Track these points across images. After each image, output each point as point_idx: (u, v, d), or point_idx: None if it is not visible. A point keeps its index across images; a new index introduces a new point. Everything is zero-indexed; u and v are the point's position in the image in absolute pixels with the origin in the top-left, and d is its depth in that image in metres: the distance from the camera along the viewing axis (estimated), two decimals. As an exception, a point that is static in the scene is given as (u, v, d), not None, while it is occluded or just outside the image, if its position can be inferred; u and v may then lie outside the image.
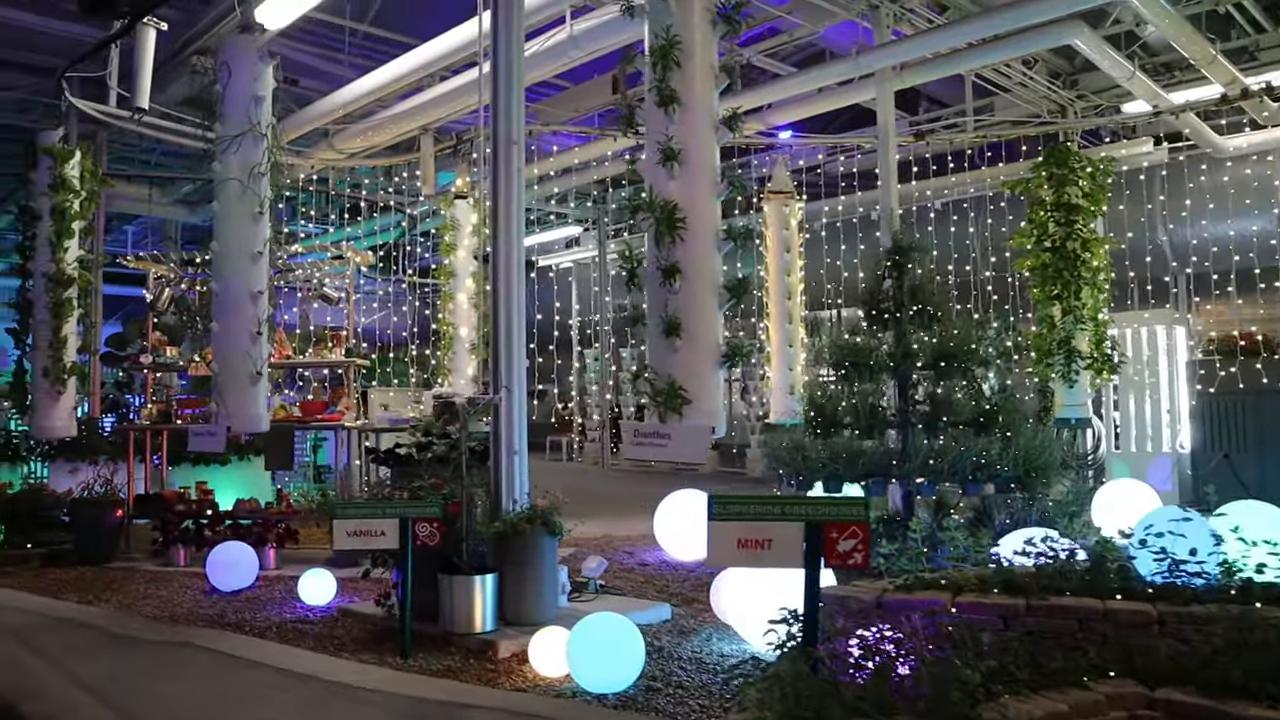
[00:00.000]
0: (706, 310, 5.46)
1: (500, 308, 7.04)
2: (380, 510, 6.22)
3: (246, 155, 7.35)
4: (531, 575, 6.59)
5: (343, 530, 6.17)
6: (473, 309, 11.07)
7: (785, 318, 11.89)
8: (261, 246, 7.34)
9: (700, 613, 7.26)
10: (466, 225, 11.20)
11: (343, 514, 6.19)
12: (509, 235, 7.12)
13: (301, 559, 9.36)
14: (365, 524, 6.18)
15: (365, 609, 7.13)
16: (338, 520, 6.16)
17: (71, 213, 9.47)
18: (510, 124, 7.21)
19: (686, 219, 5.35)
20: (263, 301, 7.31)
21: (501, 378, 7.01)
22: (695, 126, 5.56)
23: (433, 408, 9.44)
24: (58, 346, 9.33)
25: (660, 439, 5.21)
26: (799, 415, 12.27)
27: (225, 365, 7.21)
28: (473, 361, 11.01)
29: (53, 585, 8.56)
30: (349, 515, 6.19)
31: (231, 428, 7.14)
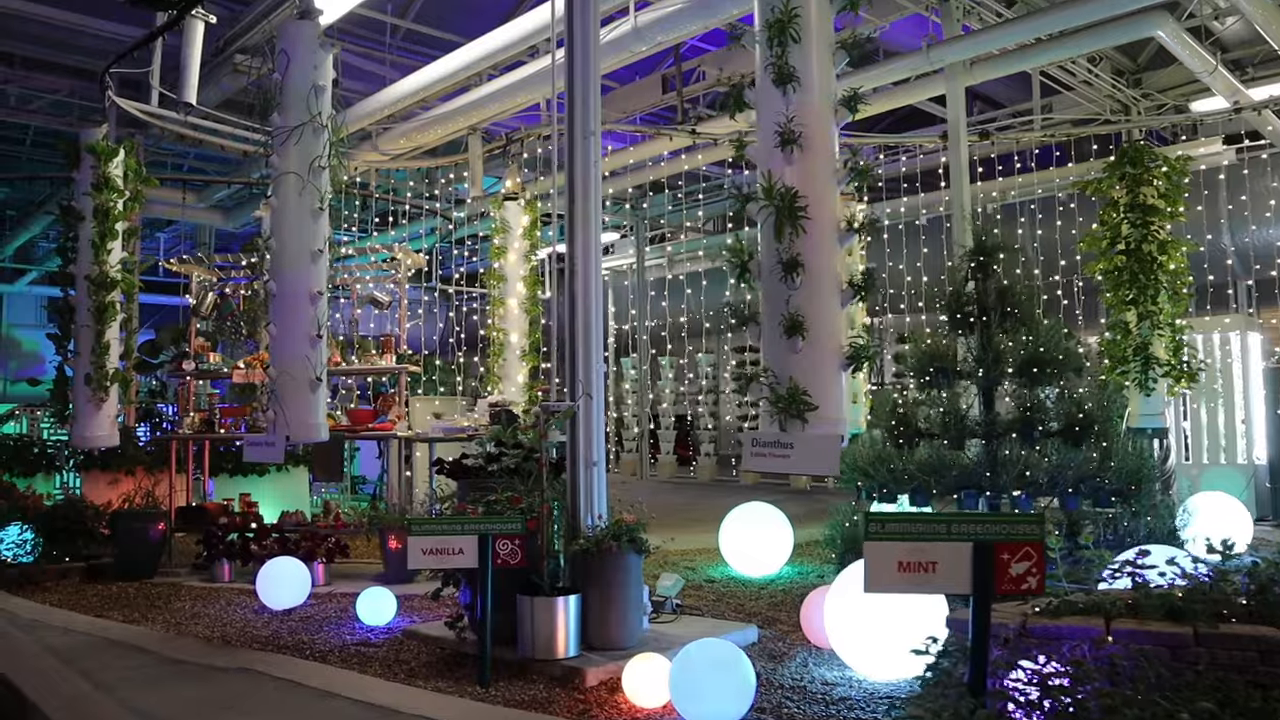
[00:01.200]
0: (829, 308, 4.94)
1: (578, 308, 6.55)
2: (459, 526, 5.68)
3: (306, 148, 6.85)
4: (617, 596, 6.07)
5: (418, 548, 5.66)
6: (524, 314, 10.55)
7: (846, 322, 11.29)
8: (322, 244, 6.88)
9: (787, 634, 6.73)
10: (517, 227, 10.69)
11: (419, 531, 5.67)
12: (587, 232, 6.62)
13: (350, 574, 8.92)
14: (442, 541, 5.65)
15: (431, 630, 6.61)
16: (413, 537, 5.65)
17: (115, 213, 9.02)
18: (588, 115, 6.71)
19: (807, 208, 4.80)
20: (322, 303, 6.84)
21: (580, 383, 6.48)
22: (814, 107, 5.03)
23: (489, 416, 8.96)
24: (100, 353, 8.87)
25: (782, 449, 4.68)
26: (861, 425, 11.76)
27: (283, 371, 6.69)
28: (523, 369, 10.48)
29: (95, 602, 8.08)
30: (425, 532, 5.67)
31: (290, 437, 6.59)
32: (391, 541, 8.55)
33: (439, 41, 11.98)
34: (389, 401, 9.14)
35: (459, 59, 10.89)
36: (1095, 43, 10.25)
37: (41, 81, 12.66)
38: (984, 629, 3.71)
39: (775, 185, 4.92)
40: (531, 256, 10.76)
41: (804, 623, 6.43)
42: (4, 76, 12.36)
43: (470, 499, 6.43)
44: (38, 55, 12.32)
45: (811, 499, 13.58)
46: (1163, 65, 12.34)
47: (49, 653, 6.09)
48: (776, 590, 8.32)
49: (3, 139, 15.96)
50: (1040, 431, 7.63)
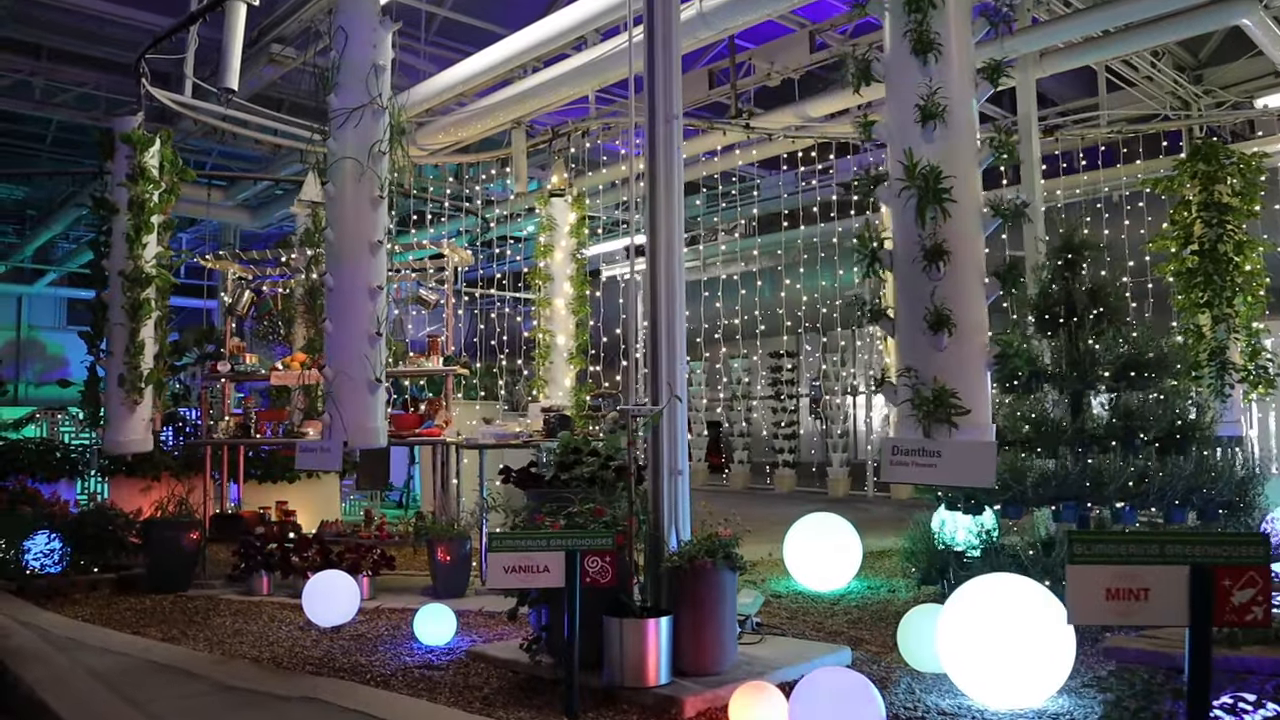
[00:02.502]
0: (974, 300, 4.37)
1: (661, 303, 6.01)
2: (544, 542, 5.11)
3: (365, 132, 6.31)
4: (711, 617, 5.50)
5: (499, 566, 5.09)
6: (570, 315, 9.98)
7: (906, 325, 10.74)
8: (381, 235, 6.33)
9: (880, 655, 6.19)
10: (564, 225, 10.13)
11: (500, 547, 5.10)
12: (670, 223, 6.10)
13: (394, 587, 8.41)
14: (526, 558, 5.09)
15: (500, 652, 6.04)
16: (494, 554, 5.09)
17: (151, 205, 8.50)
18: (670, 98, 6.18)
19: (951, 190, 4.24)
20: (382, 299, 6.28)
21: (664, 384, 5.92)
22: (955, 78, 4.47)
23: (543, 422, 8.41)
24: (134, 352, 8.35)
25: (927, 458, 4.13)
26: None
27: (340, 371, 6.13)
28: (570, 372, 9.92)
29: (129, 617, 7.53)
30: (508, 548, 5.10)
31: (348, 443, 6.03)
32: (440, 553, 8.01)
33: (478, 33, 11.45)
34: (435, 406, 8.58)
35: (501, 51, 10.36)
36: (1170, 34, 9.72)
37: (68, 74, 12.15)
38: (1205, 670, 3.13)
39: (916, 164, 4.36)
40: (579, 255, 10.21)
41: (902, 644, 5.88)
42: (30, 69, 11.86)
43: (545, 510, 5.85)
44: (64, 47, 11.82)
45: (852, 508, 13.00)
46: (1224, 60, 11.79)
47: (92, 677, 5.53)
48: (850, 606, 7.78)
49: (23, 136, 15.46)
50: (1142, 439, 7.07)
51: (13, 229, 21.48)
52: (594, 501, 5.80)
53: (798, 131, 11.21)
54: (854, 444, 16.75)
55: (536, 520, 5.68)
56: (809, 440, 17.65)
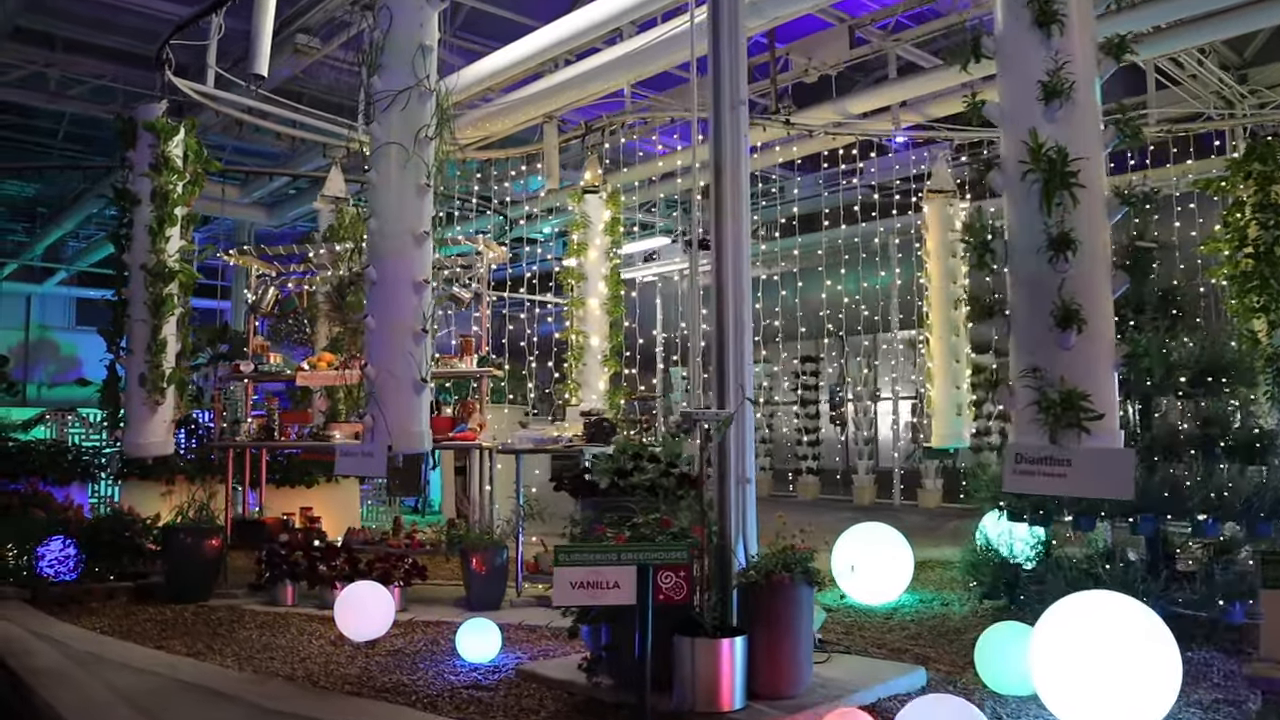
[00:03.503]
0: (1101, 294, 3.95)
1: (728, 300, 5.62)
2: (614, 556, 4.68)
3: (411, 116, 5.90)
4: (787, 637, 5.10)
5: (566, 581, 4.67)
6: (605, 315, 9.55)
7: (950, 329, 10.36)
8: (427, 226, 5.91)
9: (953, 675, 5.77)
10: (599, 222, 9.70)
11: (567, 560, 4.67)
12: (737, 214, 5.72)
13: (426, 598, 7.96)
14: (595, 573, 4.66)
15: (553, 672, 5.61)
16: (560, 568, 4.66)
17: (174, 197, 8.08)
18: (736, 82, 5.81)
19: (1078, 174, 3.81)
20: (427, 293, 5.85)
21: (732, 386, 5.50)
22: (1078, 54, 4.04)
23: (583, 426, 7.99)
24: (156, 351, 7.92)
25: (1056, 467, 3.70)
26: (965, 439, 10.79)
27: (383, 370, 5.70)
28: (604, 374, 9.48)
29: (150, 629, 7.09)
30: (576, 562, 4.67)
31: (392, 447, 5.59)
32: (475, 563, 7.59)
33: (505, 25, 11.04)
34: (467, 409, 8.14)
35: (533, 43, 9.94)
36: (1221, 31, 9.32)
37: (84, 66, 11.71)
38: None
39: (1042, 145, 3.92)
40: (613, 253, 9.78)
41: (981, 664, 5.46)
42: (44, 60, 11.42)
43: (606, 521, 5.42)
44: (79, 37, 11.39)
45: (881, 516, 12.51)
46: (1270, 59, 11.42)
47: (120, 700, 5.08)
48: (905, 621, 7.35)
49: (34, 130, 15.02)
50: (1222, 448, 6.64)
51: (22, 227, 21.01)
52: (657, 511, 5.36)
53: (838, 128, 10.80)
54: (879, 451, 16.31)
55: (598, 531, 5.24)
56: (832, 446, 17.24)
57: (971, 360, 10.69)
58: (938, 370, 10.40)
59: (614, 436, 7.78)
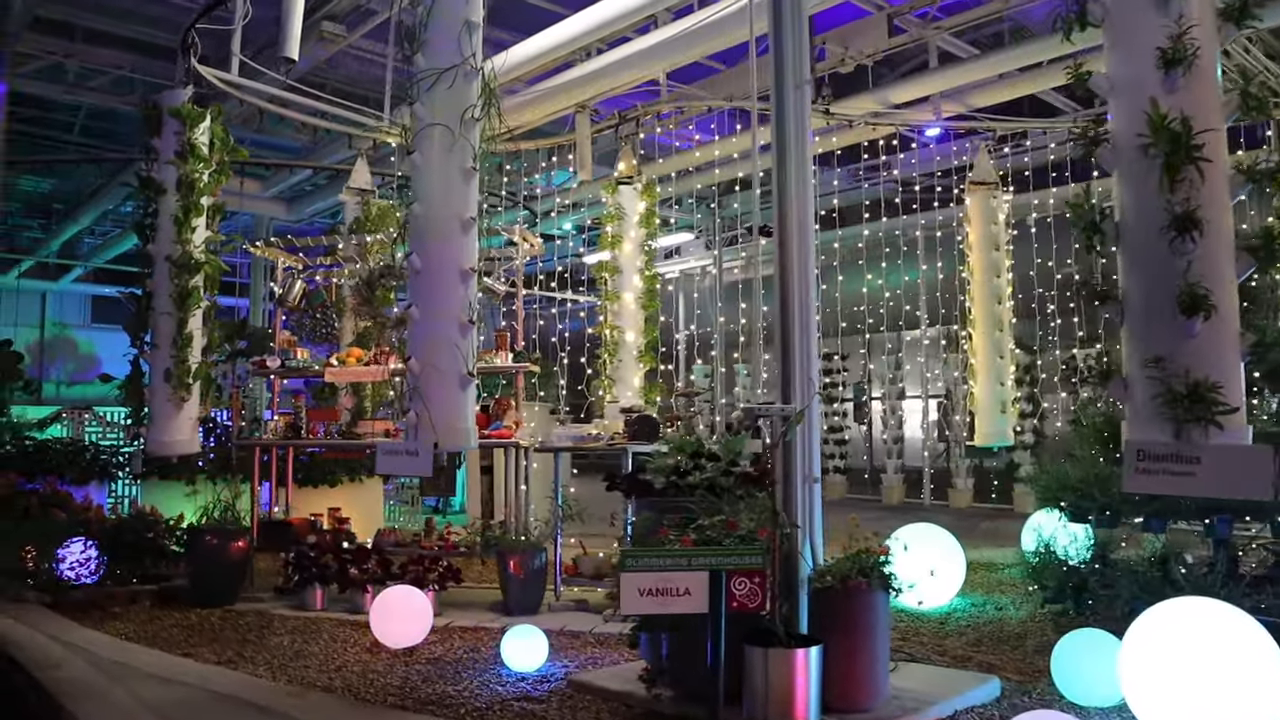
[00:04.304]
0: (1226, 278, 3.58)
1: (793, 288, 5.30)
2: (685, 561, 4.33)
3: (457, 95, 5.57)
4: (864, 646, 4.76)
5: (633, 588, 4.31)
6: (640, 310, 9.20)
7: (994, 325, 9.99)
8: (474, 211, 5.58)
9: (1026, 684, 5.40)
10: (633, 214, 9.35)
11: (635, 565, 4.32)
12: (802, 198, 5.40)
13: (460, 602, 7.63)
14: (664, 579, 4.31)
15: (608, 682, 5.28)
16: (627, 574, 4.31)
17: (201, 186, 7.76)
18: (800, 61, 5.51)
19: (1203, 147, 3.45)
20: (473, 284, 5.50)
21: (798, 379, 5.17)
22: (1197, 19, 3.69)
23: (624, 423, 7.65)
24: (182, 345, 7.61)
25: (1184, 465, 3.33)
26: (1009, 437, 10.42)
27: (428, 363, 5.36)
28: (639, 371, 9.13)
29: (177, 635, 6.76)
30: (644, 567, 4.31)
31: (438, 445, 5.25)
32: (513, 566, 7.25)
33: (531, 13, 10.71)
34: (503, 405, 7.80)
35: (565, 30, 9.61)
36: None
37: (102, 57, 11.38)
38: None
39: (1163, 116, 3.56)
40: (648, 246, 9.43)
41: (1058, 673, 5.12)
42: (63, 51, 11.08)
43: (667, 523, 5.06)
44: (98, 27, 11.06)
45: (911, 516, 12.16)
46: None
47: (150, 713, 4.73)
48: (961, 626, 7.00)
49: (51, 124, 14.70)
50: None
51: (38, 223, 20.69)
52: (721, 513, 5.01)
53: (877, 118, 10.43)
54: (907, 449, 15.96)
55: (660, 534, 4.89)
56: (858, 445, 16.89)
57: (1016, 357, 10.33)
58: (981, 367, 10.04)
59: (658, 434, 7.43)
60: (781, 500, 5.14)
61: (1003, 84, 10.71)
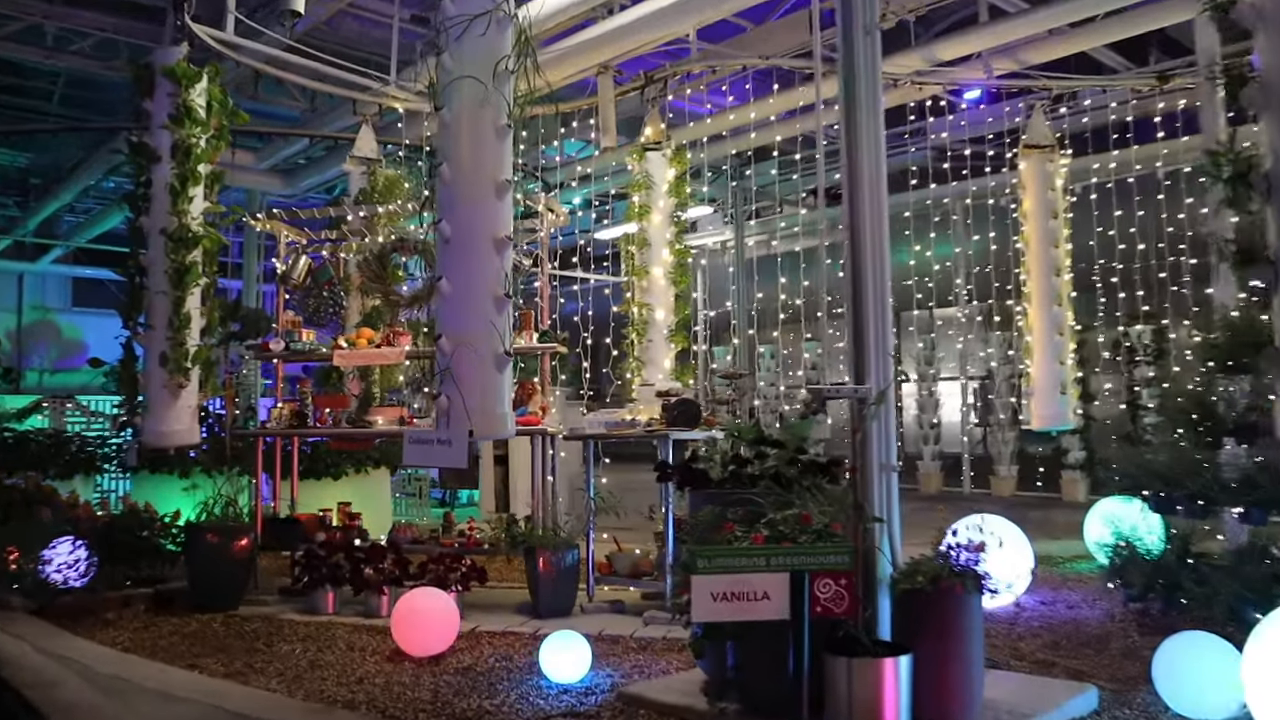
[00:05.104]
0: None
1: (866, 257, 4.98)
2: (763, 561, 4.01)
3: (490, 45, 5.23)
4: (958, 654, 4.48)
5: (705, 592, 4.01)
6: (670, 286, 8.86)
7: (1051, 299, 9.66)
8: (508, 173, 5.21)
9: (1123, 692, 5.09)
10: (662, 183, 9.00)
11: (707, 568, 4.01)
12: (875, 154, 5.08)
13: (483, 603, 7.32)
14: (740, 582, 4.00)
15: (663, 695, 4.98)
16: (699, 577, 4.00)
17: (198, 152, 7.42)
18: (869, 4, 5.14)
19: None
20: (509, 253, 5.17)
21: (873, 355, 4.86)
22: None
23: (661, 408, 7.34)
24: (179, 326, 7.27)
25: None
26: (1070, 420, 10.10)
27: (460, 342, 5.02)
28: (670, 351, 8.80)
29: (178, 644, 6.46)
30: (718, 568, 4.00)
31: (473, 433, 4.92)
32: (543, 565, 6.96)
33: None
34: (528, 390, 7.48)
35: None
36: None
37: (83, 18, 10.97)
38: None
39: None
40: (678, 217, 9.08)
41: (1162, 682, 4.78)
42: (42, 12, 10.68)
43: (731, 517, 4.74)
44: (78, -14, 10.66)
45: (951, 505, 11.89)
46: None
47: (163, 737, 4.40)
48: (1034, 627, 6.71)
49: (27, 93, 14.30)
50: None
51: (14, 200, 20.27)
52: (791, 505, 4.69)
53: (923, 77, 10.06)
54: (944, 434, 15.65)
55: (726, 529, 4.56)
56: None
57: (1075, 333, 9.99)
58: (1038, 344, 9.71)
59: (700, 419, 7.13)
60: (859, 491, 4.84)
61: (1055, 40, 10.34)
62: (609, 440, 7.74)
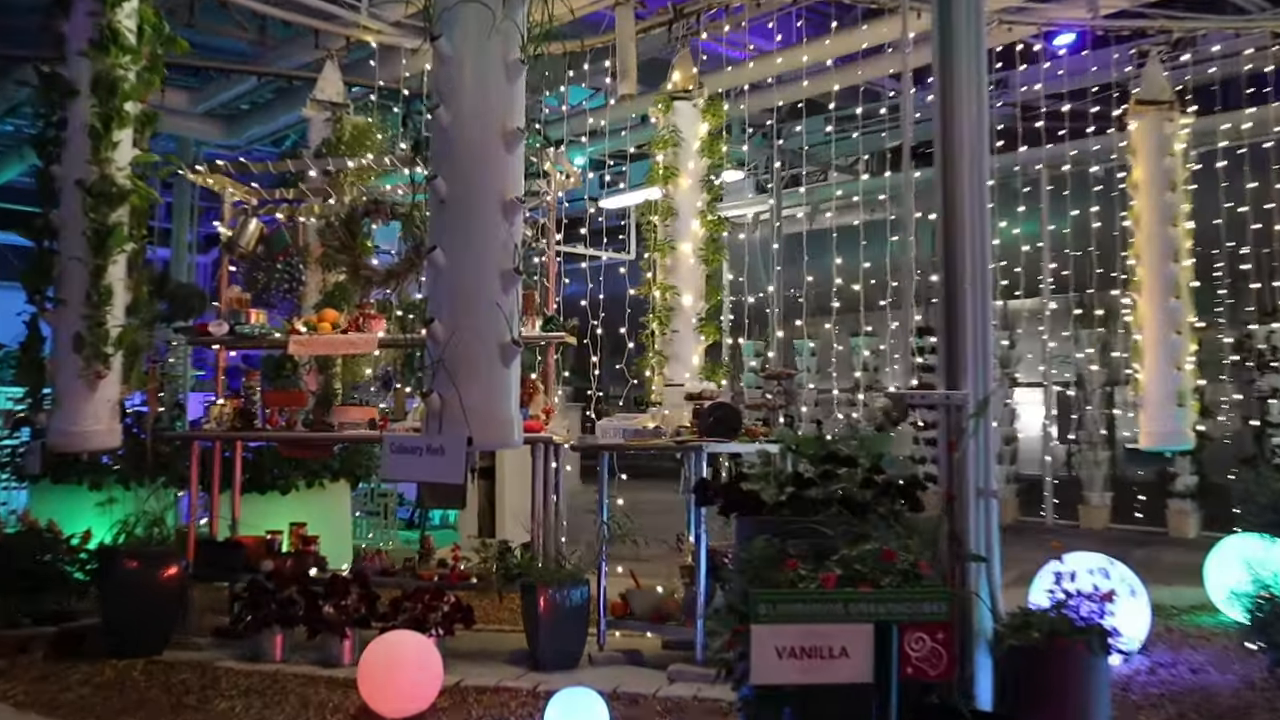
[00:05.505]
0: None
1: (963, 232, 4.96)
2: (842, 608, 3.92)
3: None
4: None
5: (769, 647, 3.93)
6: (700, 265, 8.74)
7: (1167, 289, 9.56)
8: (520, 120, 5.17)
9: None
10: (693, 140, 8.86)
11: (772, 615, 3.93)
12: (977, 110, 5.03)
13: (471, 651, 7.31)
14: (812, 634, 3.90)
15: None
16: (762, 627, 3.92)
17: (126, 87, 7.28)
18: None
19: None
20: (519, 219, 5.10)
21: (971, 354, 4.81)
22: None
23: (693, 413, 7.32)
24: (99, 302, 7.15)
25: None
26: (1190, 437, 10.01)
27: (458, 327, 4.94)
28: (699, 344, 8.70)
29: (87, 698, 6.36)
30: (785, 616, 3.91)
31: (472, 440, 4.84)
32: (543, 604, 6.93)
33: None
34: (530, 389, 7.39)
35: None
36: None
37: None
38: None
39: None
40: (712, 180, 8.95)
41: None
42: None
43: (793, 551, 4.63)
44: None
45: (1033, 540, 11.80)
46: None
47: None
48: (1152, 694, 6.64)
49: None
50: None
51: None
52: (867, 538, 4.58)
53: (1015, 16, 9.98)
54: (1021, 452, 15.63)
55: (788, 567, 4.45)
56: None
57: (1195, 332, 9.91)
58: (1150, 345, 9.62)
59: (741, 428, 7.09)
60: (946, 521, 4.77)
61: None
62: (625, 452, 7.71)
